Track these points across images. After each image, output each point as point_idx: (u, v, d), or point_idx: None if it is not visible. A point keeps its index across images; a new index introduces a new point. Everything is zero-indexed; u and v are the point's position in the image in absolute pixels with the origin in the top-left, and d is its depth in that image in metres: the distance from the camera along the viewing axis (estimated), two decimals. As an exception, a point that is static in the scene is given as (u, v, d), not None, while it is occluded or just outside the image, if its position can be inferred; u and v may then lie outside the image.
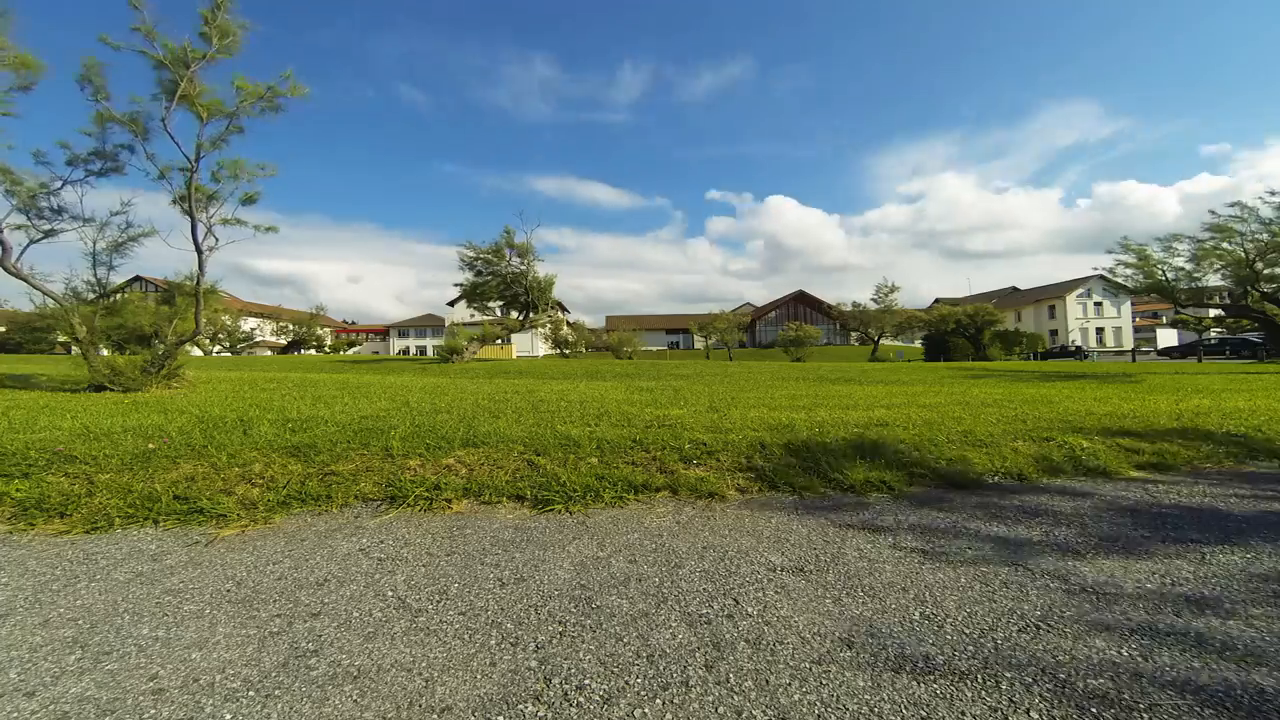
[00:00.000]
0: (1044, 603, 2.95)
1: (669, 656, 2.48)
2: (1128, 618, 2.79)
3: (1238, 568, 3.38)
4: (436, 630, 2.70)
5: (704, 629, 2.69)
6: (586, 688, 2.28)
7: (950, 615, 2.82)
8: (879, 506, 4.58)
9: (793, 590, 3.09)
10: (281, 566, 3.40)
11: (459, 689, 2.28)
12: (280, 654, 2.51)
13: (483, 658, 2.48)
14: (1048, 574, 3.30)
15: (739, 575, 3.27)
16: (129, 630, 2.71)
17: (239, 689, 2.28)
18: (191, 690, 2.28)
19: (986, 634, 2.66)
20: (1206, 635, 2.64)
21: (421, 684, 2.31)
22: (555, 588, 3.11)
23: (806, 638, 2.63)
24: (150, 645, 2.59)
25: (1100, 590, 3.09)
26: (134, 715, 2.14)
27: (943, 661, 2.45)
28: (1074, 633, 2.66)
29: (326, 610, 2.88)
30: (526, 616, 2.81)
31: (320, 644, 2.59)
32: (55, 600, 2.99)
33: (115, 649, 2.56)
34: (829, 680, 2.33)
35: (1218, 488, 5.18)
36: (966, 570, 3.35)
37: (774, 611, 2.86)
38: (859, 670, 2.40)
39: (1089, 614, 2.83)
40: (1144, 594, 3.05)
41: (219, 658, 2.49)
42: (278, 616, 2.82)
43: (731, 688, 2.28)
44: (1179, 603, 2.95)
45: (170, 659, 2.48)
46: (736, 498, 4.77)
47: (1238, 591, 3.07)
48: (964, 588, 3.12)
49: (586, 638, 2.63)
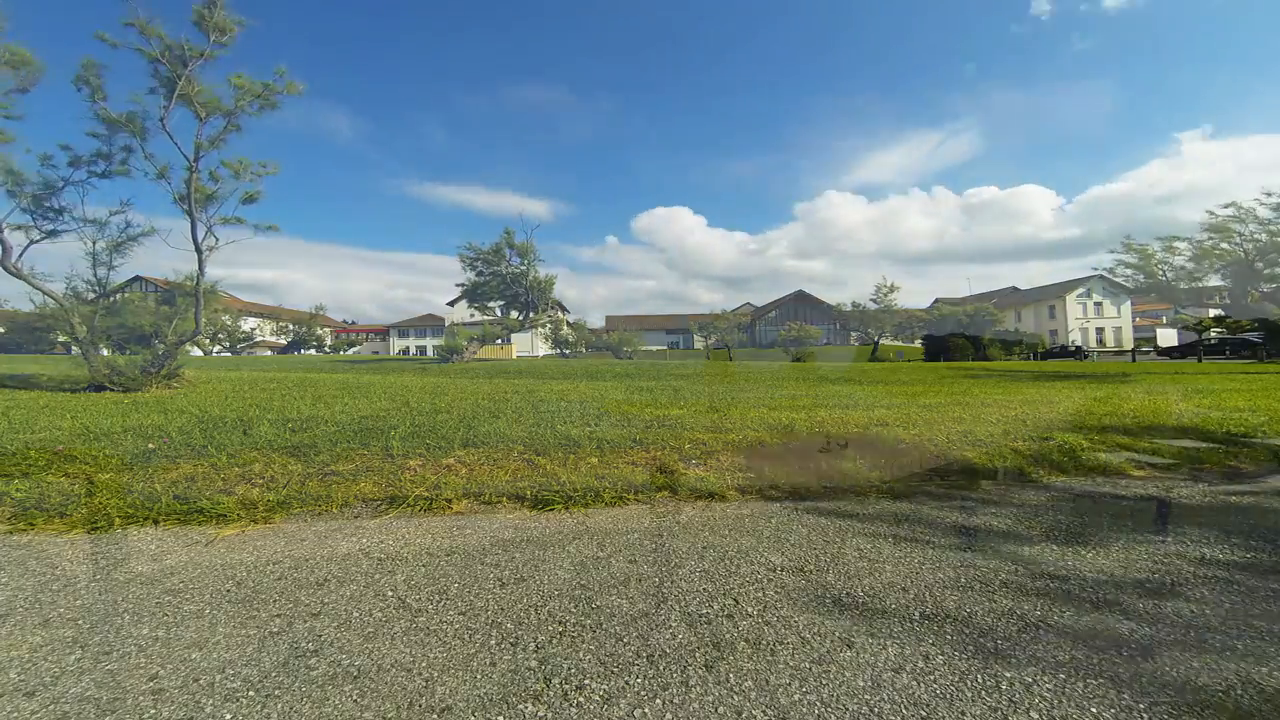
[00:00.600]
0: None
1: (669, 656, 2.48)
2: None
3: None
4: (435, 630, 2.70)
5: (704, 629, 2.70)
6: (586, 687, 2.28)
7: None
8: (878, 505, 4.58)
9: (792, 590, 3.09)
10: (281, 566, 3.40)
11: (459, 689, 2.28)
12: (280, 654, 2.52)
13: (482, 657, 2.48)
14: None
15: (739, 575, 3.27)
16: (129, 630, 2.71)
17: (239, 689, 2.29)
18: (191, 690, 2.28)
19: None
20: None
21: (421, 684, 2.31)
22: (555, 588, 3.11)
23: (807, 638, 2.63)
24: (150, 645, 2.59)
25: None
26: (134, 715, 2.14)
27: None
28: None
29: (326, 610, 2.88)
30: (526, 616, 2.82)
31: (320, 644, 2.59)
32: (55, 600, 3.00)
33: (115, 649, 2.56)
34: (829, 679, 2.34)
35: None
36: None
37: (774, 611, 2.86)
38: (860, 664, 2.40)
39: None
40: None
41: (219, 658, 2.49)
42: (278, 616, 2.83)
43: (731, 688, 2.28)
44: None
45: (170, 659, 2.48)
46: (736, 498, 4.77)
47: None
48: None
49: (586, 638, 2.63)
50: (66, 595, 3.05)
